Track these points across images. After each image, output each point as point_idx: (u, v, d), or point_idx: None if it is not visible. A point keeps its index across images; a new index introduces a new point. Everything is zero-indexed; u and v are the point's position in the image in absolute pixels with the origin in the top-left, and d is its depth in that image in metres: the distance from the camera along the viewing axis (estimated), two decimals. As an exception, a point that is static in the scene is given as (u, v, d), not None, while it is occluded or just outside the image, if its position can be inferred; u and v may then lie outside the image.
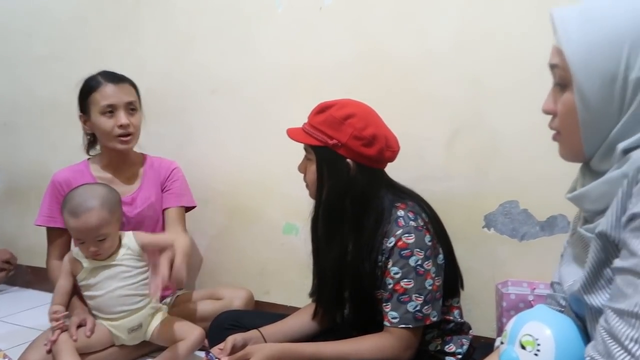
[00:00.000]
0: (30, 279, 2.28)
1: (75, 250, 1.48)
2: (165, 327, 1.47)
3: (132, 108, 1.59)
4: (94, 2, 2.06)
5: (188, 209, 1.76)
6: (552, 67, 0.69)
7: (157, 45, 1.96)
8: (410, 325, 1.14)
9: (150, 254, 1.50)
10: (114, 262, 1.43)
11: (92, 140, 1.67)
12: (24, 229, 2.25)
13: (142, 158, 1.73)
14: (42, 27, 2.20)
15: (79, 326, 1.41)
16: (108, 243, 1.41)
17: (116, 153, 1.62)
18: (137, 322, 1.45)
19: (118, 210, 1.46)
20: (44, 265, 1.69)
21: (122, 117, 1.54)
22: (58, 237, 1.64)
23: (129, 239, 1.49)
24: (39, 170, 2.19)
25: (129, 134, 1.56)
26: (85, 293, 1.45)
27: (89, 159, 1.69)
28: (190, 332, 1.45)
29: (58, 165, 1.77)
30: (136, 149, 1.70)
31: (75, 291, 1.49)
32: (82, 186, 1.46)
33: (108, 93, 1.54)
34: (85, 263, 1.43)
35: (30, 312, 1.99)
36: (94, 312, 1.46)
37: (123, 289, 1.43)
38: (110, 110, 1.54)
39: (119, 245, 1.46)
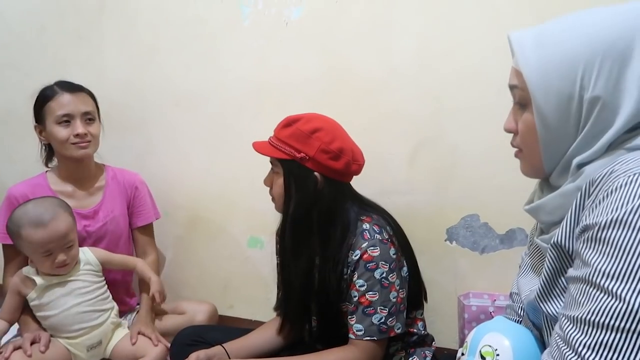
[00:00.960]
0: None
1: (25, 268, 1.40)
2: (125, 344, 1.42)
3: (89, 118, 1.53)
4: (53, 10, 2.00)
5: None
6: (512, 87, 0.72)
7: (119, 55, 1.93)
8: (374, 338, 1.15)
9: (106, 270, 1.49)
10: (71, 278, 1.38)
11: (49, 152, 1.61)
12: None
13: (103, 169, 1.68)
14: (-3, 34, 2.13)
15: (33, 343, 1.35)
16: (74, 250, 1.38)
17: (74, 163, 1.56)
18: (97, 339, 1.40)
19: (74, 214, 1.44)
20: (-2, 281, 1.62)
21: (79, 126, 1.49)
22: (15, 254, 1.55)
23: (86, 254, 1.45)
24: (-8, 182, 2.10)
25: (86, 141, 1.52)
26: (39, 314, 1.38)
27: (46, 171, 1.63)
28: (151, 348, 1.41)
29: (14, 177, 1.71)
30: (96, 159, 1.65)
31: (28, 310, 1.43)
32: (30, 201, 1.40)
33: (64, 102, 1.49)
34: (39, 280, 1.36)
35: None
36: (49, 332, 1.39)
37: (80, 305, 1.38)
38: (67, 120, 1.49)
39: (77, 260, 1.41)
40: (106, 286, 1.47)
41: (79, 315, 1.37)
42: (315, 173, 1.18)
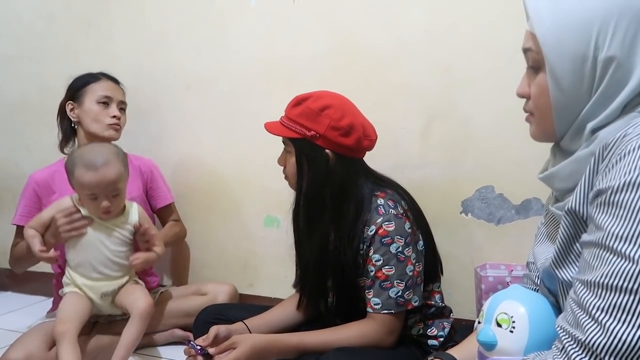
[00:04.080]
0: (6, 282, 2.24)
1: (75, 196, 1.42)
2: (122, 294, 1.45)
3: (123, 108, 1.69)
4: (61, -1, 2.02)
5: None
6: (525, 50, 0.71)
7: (128, 41, 1.94)
8: (392, 311, 1.17)
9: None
10: (113, 226, 1.42)
11: (65, 137, 1.68)
12: (-2, 232, 2.20)
13: None
14: (8, 25, 2.14)
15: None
16: (120, 199, 1.42)
17: None
18: (112, 288, 1.43)
19: (128, 166, 1.46)
20: (21, 268, 1.67)
21: (116, 110, 1.65)
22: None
23: (134, 209, 1.47)
24: (13, 172, 2.15)
25: (118, 125, 1.65)
26: (72, 249, 1.41)
27: (64, 157, 1.67)
28: (139, 302, 1.40)
29: (32, 165, 1.75)
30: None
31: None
32: (91, 144, 1.48)
33: (107, 87, 1.66)
34: (84, 211, 1.39)
35: (7, 315, 1.96)
36: (73, 271, 1.42)
37: (111, 252, 1.41)
38: (106, 101, 1.64)
39: (122, 211, 1.45)
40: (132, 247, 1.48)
41: (105, 261, 1.41)
42: (327, 150, 1.18)
